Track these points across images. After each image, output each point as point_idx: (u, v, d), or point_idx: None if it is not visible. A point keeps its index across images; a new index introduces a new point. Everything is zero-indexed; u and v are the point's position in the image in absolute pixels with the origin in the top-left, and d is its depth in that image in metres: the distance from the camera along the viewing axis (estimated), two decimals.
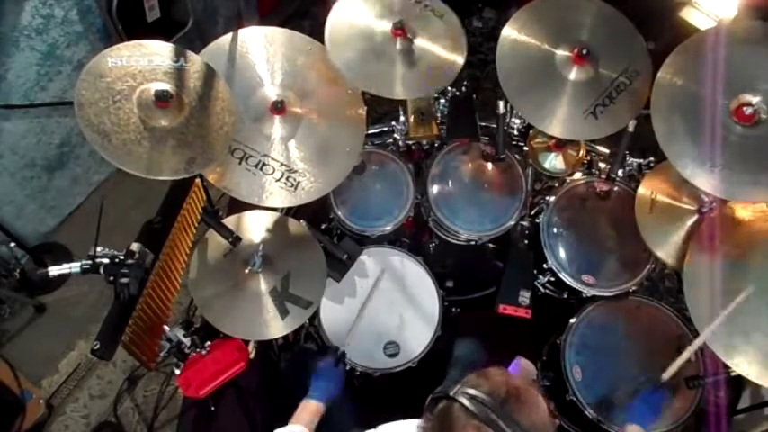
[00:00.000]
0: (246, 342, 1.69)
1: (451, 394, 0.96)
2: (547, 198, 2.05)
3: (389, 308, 1.92)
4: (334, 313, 1.89)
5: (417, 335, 1.89)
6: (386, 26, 1.81)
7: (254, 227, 1.82)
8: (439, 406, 0.99)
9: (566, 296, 2.09)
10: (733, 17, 2.20)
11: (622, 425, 1.65)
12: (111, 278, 1.31)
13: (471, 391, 0.95)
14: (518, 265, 2.05)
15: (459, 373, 1.52)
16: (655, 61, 1.75)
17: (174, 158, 1.39)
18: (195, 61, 1.51)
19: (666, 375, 1.63)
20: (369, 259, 1.98)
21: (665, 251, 1.78)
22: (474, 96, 2.19)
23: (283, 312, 1.68)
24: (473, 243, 2.06)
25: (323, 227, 2.16)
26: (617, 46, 1.83)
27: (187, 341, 1.59)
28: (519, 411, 0.93)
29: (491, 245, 2.17)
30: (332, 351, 1.72)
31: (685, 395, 1.77)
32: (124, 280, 1.31)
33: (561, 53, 1.80)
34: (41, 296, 2.50)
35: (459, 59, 1.84)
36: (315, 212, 2.13)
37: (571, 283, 1.94)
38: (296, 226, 1.85)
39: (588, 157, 2.16)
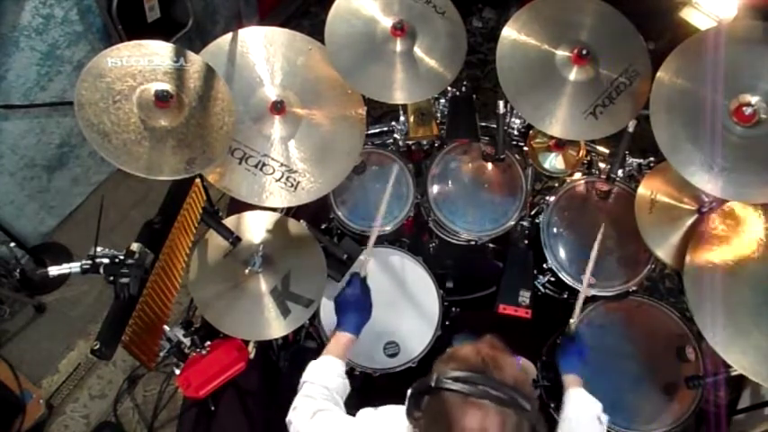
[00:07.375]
0: (246, 342, 1.69)
1: (434, 385, 0.95)
2: (547, 198, 2.05)
3: (389, 308, 1.92)
4: (334, 313, 1.88)
5: (417, 335, 1.89)
6: (386, 26, 1.81)
7: (254, 227, 1.82)
8: (425, 400, 0.97)
9: (566, 296, 2.08)
10: (733, 17, 2.20)
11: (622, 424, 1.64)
12: (111, 278, 1.31)
13: (452, 374, 0.94)
14: (518, 265, 2.05)
15: None
16: (655, 61, 1.74)
17: (174, 158, 1.39)
18: (195, 61, 1.51)
19: (573, 321, 1.65)
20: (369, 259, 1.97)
21: (665, 251, 1.78)
22: (474, 96, 2.19)
23: (285, 311, 1.68)
24: (473, 243, 2.06)
25: (323, 227, 2.16)
26: (617, 46, 1.82)
27: (187, 341, 1.59)
28: (501, 373, 0.94)
29: (491, 245, 2.17)
30: (354, 278, 1.60)
31: (685, 395, 1.77)
32: (124, 280, 1.31)
33: (561, 53, 1.79)
34: (41, 296, 2.51)
35: (457, 62, 1.84)
36: (315, 212, 2.13)
37: (571, 283, 1.94)
38: (296, 226, 1.85)
39: (588, 157, 2.15)
